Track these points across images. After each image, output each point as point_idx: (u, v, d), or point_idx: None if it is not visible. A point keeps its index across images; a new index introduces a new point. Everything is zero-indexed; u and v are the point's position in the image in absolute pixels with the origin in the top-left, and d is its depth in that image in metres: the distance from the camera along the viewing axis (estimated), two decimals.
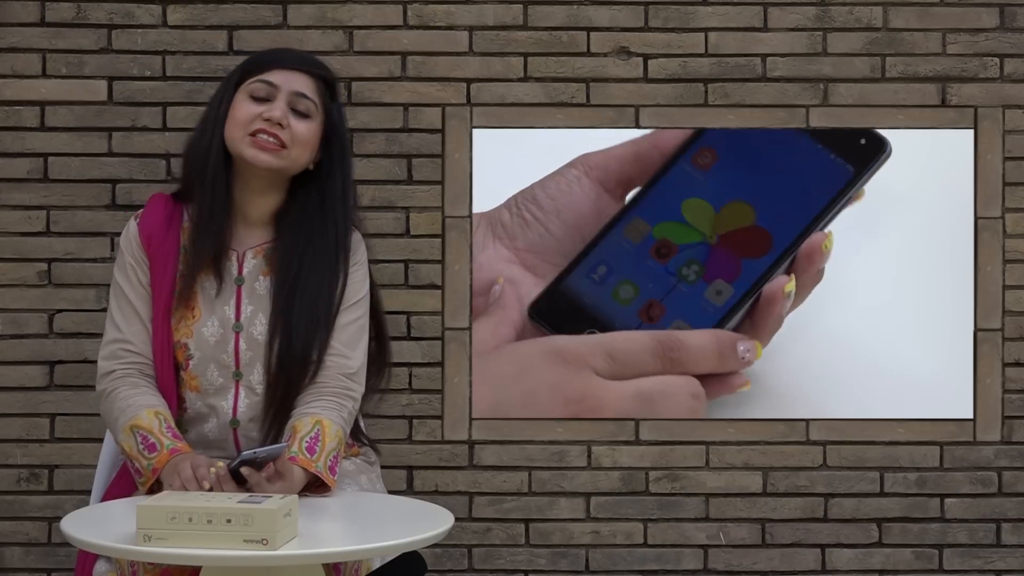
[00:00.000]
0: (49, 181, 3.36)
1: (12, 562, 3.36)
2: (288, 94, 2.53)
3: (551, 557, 3.39)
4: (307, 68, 2.57)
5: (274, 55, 2.59)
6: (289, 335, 2.51)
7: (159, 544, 2.06)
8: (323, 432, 2.44)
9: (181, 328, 2.53)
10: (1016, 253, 3.39)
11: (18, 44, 3.36)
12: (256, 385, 2.54)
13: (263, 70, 2.55)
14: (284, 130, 2.51)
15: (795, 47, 3.38)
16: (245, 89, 2.54)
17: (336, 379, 2.53)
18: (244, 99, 2.54)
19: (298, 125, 2.53)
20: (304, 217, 2.55)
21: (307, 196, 2.57)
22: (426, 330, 3.37)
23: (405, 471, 3.37)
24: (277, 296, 2.53)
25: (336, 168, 2.58)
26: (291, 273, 2.53)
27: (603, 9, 3.38)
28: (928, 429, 3.39)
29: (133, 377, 2.53)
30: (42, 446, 3.36)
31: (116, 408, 2.50)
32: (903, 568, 3.40)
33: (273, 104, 2.52)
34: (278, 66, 2.55)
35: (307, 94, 2.54)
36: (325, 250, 2.54)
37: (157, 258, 2.55)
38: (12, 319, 3.36)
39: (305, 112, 2.54)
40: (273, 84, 2.53)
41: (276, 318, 2.52)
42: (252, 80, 2.54)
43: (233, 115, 2.53)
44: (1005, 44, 3.39)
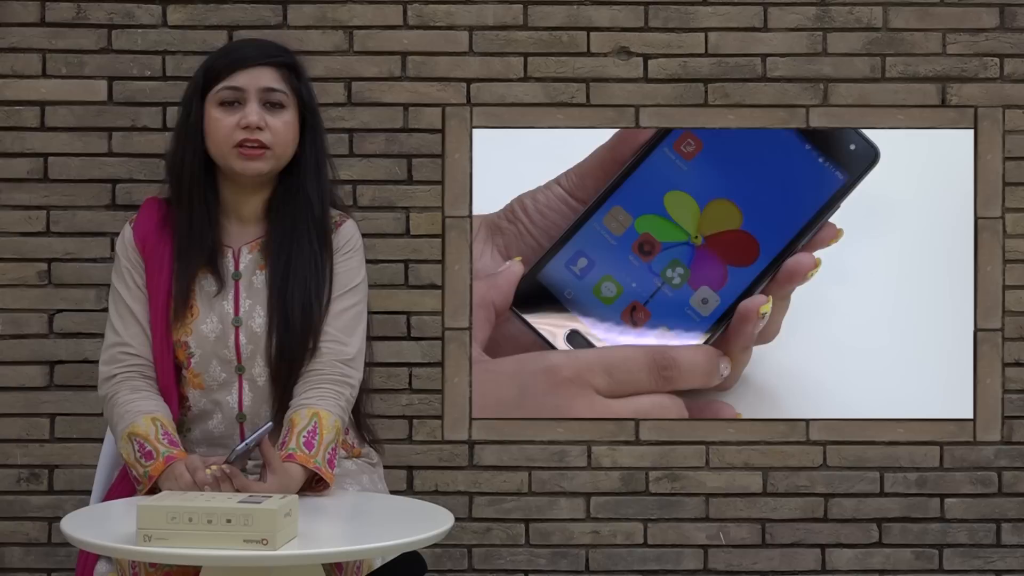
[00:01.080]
0: (49, 181, 3.37)
1: (12, 562, 3.36)
2: (257, 92, 2.52)
3: (551, 557, 3.39)
4: (268, 60, 2.55)
5: (231, 56, 2.56)
6: (287, 325, 2.51)
7: (159, 544, 2.06)
8: (320, 424, 2.45)
9: (180, 327, 2.53)
10: (1016, 253, 3.39)
11: (18, 44, 3.36)
12: (258, 378, 2.55)
13: (225, 74, 2.52)
14: (263, 131, 2.51)
15: (795, 47, 3.38)
16: (213, 98, 2.52)
17: (333, 365, 2.53)
18: (215, 110, 2.52)
19: (275, 121, 2.52)
20: (289, 204, 2.56)
21: (290, 183, 2.57)
22: (426, 330, 3.37)
23: (405, 471, 3.37)
24: (272, 288, 2.54)
25: (308, 146, 2.58)
26: (282, 263, 2.54)
27: (603, 9, 3.38)
28: (928, 429, 3.39)
29: (133, 380, 2.53)
30: (42, 446, 3.37)
31: (116, 414, 2.51)
32: (903, 568, 3.40)
33: (245, 108, 2.51)
34: (239, 67, 2.53)
35: (275, 87, 2.53)
36: (308, 231, 2.55)
37: (152, 260, 2.55)
38: (12, 319, 3.36)
39: (278, 103, 2.53)
40: (239, 88, 2.52)
41: (273, 309, 2.53)
42: (218, 88, 2.52)
43: (210, 132, 2.52)
44: (1005, 44, 3.39)
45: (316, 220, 2.56)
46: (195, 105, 2.54)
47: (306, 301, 2.53)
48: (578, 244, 3.20)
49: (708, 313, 3.16)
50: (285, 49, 2.60)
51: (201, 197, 2.54)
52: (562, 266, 3.20)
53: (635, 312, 3.18)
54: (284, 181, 2.58)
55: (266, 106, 2.53)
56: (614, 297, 3.20)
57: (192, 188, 2.54)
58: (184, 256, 2.54)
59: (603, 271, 3.21)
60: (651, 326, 3.18)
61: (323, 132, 2.62)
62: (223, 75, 2.53)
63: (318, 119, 2.60)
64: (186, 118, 2.55)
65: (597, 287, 3.21)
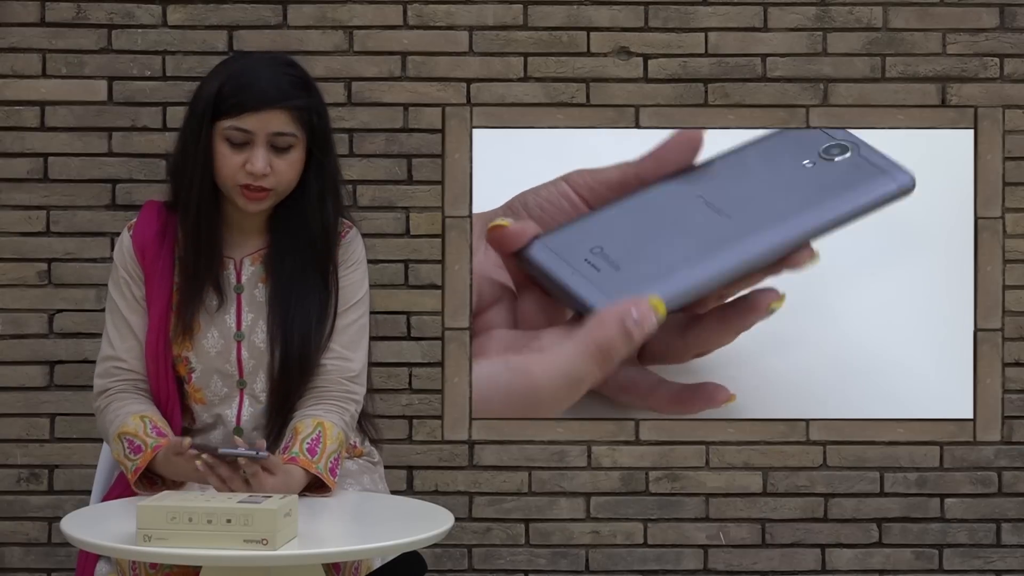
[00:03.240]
0: (49, 181, 3.37)
1: (12, 562, 3.36)
2: (265, 137, 2.45)
3: (551, 557, 3.40)
4: (279, 105, 2.45)
5: (243, 97, 2.45)
6: (289, 341, 2.50)
7: (159, 544, 2.06)
8: (324, 434, 2.44)
9: (181, 342, 2.51)
10: (1016, 253, 3.39)
11: (18, 44, 3.36)
12: (259, 393, 2.53)
13: (235, 114, 2.45)
14: (268, 177, 2.45)
15: (795, 47, 3.38)
16: (221, 133, 2.46)
17: (337, 383, 2.51)
18: (222, 145, 2.46)
19: (280, 163, 2.46)
20: (292, 221, 2.53)
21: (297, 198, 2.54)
22: (426, 330, 3.37)
23: (405, 471, 3.37)
24: (274, 302, 2.52)
25: (313, 178, 2.51)
26: (285, 277, 2.51)
27: (603, 9, 3.38)
28: (928, 429, 3.39)
29: (127, 393, 2.51)
30: (42, 446, 3.37)
31: (107, 421, 2.50)
32: (903, 568, 3.40)
33: (253, 153, 2.44)
34: (249, 109, 2.44)
35: (285, 131, 2.46)
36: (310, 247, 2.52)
37: (152, 272, 2.52)
38: (12, 319, 3.36)
39: (286, 146, 2.46)
40: (248, 131, 2.45)
41: (275, 325, 2.51)
42: (227, 125, 2.45)
43: (217, 166, 2.46)
44: (1005, 44, 3.39)
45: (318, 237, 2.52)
46: (205, 127, 2.46)
47: (306, 320, 2.50)
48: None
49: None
50: (302, 82, 2.50)
51: (208, 218, 2.49)
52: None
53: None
54: (289, 196, 2.52)
55: (273, 148, 2.46)
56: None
57: (200, 209, 2.48)
58: (190, 278, 2.50)
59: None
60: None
61: (333, 162, 2.54)
62: (233, 112, 2.44)
63: (328, 149, 2.53)
64: (196, 137, 2.48)
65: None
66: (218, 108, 2.46)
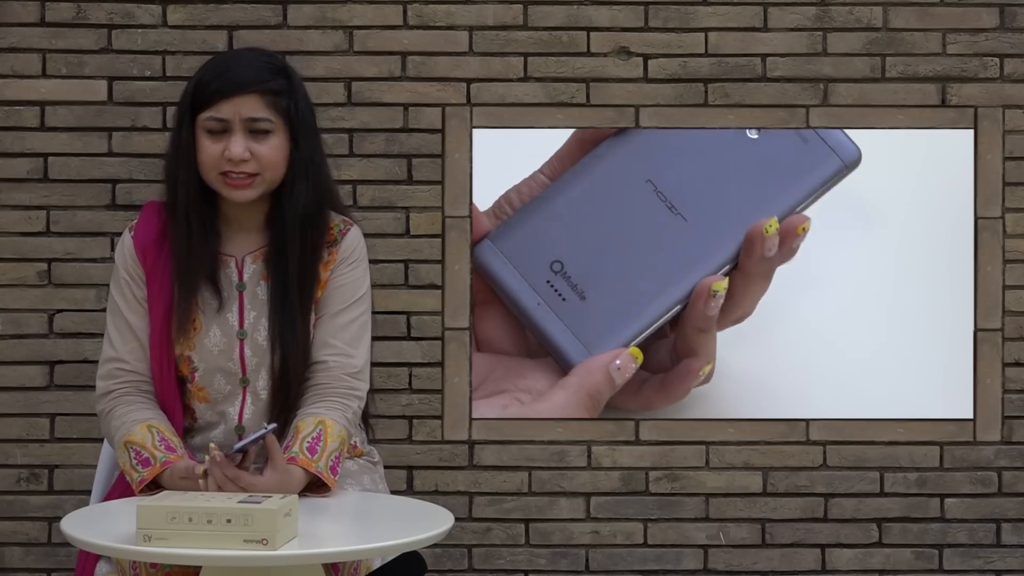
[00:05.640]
0: (49, 181, 3.37)
1: (12, 562, 3.36)
2: (241, 123, 2.46)
3: (551, 557, 3.40)
4: (254, 88, 2.46)
5: (216, 84, 2.47)
6: (290, 338, 2.50)
7: (159, 544, 2.06)
8: (325, 432, 2.44)
9: (183, 341, 2.52)
10: (1016, 253, 3.39)
11: (18, 44, 3.36)
12: (261, 391, 2.53)
13: (210, 103, 2.46)
14: (249, 162, 2.46)
15: (795, 47, 3.38)
16: (201, 125, 2.47)
17: (340, 379, 2.52)
18: (203, 136, 2.47)
19: (260, 148, 2.46)
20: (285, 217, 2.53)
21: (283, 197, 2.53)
22: (426, 330, 3.37)
23: (405, 471, 3.37)
24: (274, 300, 2.52)
25: (295, 165, 2.50)
26: (283, 274, 2.51)
27: (603, 9, 3.38)
28: (928, 429, 3.39)
29: (130, 396, 2.51)
30: (42, 446, 3.37)
31: (112, 427, 2.50)
32: (903, 568, 3.40)
33: (231, 140, 2.45)
34: (222, 96, 2.46)
35: (259, 115, 2.46)
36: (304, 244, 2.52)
37: (153, 273, 2.52)
38: (12, 319, 3.37)
39: (265, 130, 2.47)
40: (223, 119, 2.46)
41: (276, 322, 2.51)
42: (205, 116, 2.47)
43: (199, 158, 2.47)
44: (1005, 44, 3.39)
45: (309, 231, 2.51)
46: (187, 123, 2.49)
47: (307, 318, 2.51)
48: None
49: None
50: (276, 67, 2.51)
51: (198, 214, 2.49)
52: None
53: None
54: (279, 194, 2.53)
55: (251, 133, 2.46)
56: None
57: (189, 206, 2.49)
58: (183, 275, 2.50)
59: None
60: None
61: (317, 146, 2.54)
62: (211, 101, 2.46)
63: (311, 134, 2.52)
64: (179, 133, 2.51)
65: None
66: (196, 101, 2.48)
